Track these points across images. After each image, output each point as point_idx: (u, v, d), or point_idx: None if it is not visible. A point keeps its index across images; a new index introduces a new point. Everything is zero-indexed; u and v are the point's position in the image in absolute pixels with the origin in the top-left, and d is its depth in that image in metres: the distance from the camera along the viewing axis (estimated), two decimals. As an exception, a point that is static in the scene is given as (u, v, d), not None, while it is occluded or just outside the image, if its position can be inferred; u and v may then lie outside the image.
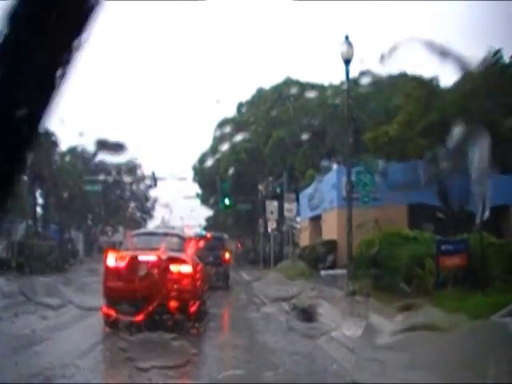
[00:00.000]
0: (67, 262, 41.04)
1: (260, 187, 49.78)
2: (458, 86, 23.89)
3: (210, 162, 56.69)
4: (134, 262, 11.03)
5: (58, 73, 1.55)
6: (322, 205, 34.34)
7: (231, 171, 52.80)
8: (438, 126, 20.96)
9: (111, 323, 11.20)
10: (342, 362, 8.49)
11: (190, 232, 28.37)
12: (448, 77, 24.43)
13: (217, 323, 13.34)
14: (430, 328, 9.60)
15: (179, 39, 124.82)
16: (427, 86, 23.01)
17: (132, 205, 74.86)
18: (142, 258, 11.11)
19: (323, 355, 9.03)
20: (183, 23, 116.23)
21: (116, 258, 11.37)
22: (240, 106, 58.63)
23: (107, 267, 11.19)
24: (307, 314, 13.52)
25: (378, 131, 24.33)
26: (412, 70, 27.16)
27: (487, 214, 11.92)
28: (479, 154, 11.95)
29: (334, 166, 40.98)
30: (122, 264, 11.06)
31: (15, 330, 10.89)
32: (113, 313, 11.12)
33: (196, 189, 62.52)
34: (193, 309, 11.22)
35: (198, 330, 11.15)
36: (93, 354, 9.01)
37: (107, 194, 65.50)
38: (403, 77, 30.18)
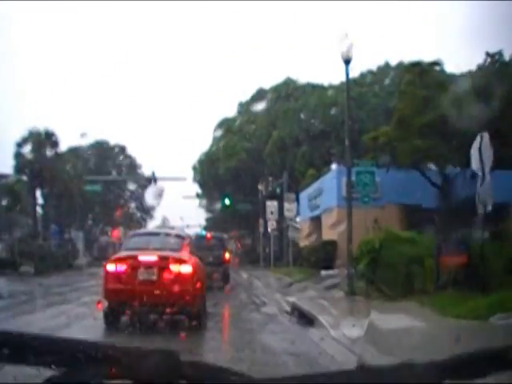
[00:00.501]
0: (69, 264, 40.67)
1: (260, 187, 49.77)
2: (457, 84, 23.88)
3: (209, 163, 56.75)
4: (133, 263, 11.03)
5: None
6: (322, 205, 34.33)
7: (231, 171, 52.85)
8: (437, 125, 20.94)
9: (111, 323, 11.21)
10: (341, 361, 8.48)
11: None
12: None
13: (216, 323, 13.33)
14: (429, 329, 9.60)
15: (180, 40, 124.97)
16: (428, 73, 22.83)
17: (132, 205, 74.88)
18: (141, 258, 11.11)
19: (323, 355, 9.03)
20: (184, 24, 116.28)
21: (116, 259, 11.37)
22: (240, 106, 58.64)
23: (107, 268, 11.19)
24: (307, 314, 13.52)
25: (378, 131, 24.29)
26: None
27: (490, 208, 11.90)
28: (479, 153, 11.95)
29: (334, 166, 41.00)
30: (122, 265, 11.05)
31: (14, 329, 10.87)
32: (113, 313, 11.12)
33: (196, 189, 62.65)
34: (192, 309, 11.21)
35: (197, 330, 11.15)
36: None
37: (107, 194, 65.52)
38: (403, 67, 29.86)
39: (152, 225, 73.34)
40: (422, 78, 22.91)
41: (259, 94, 56.79)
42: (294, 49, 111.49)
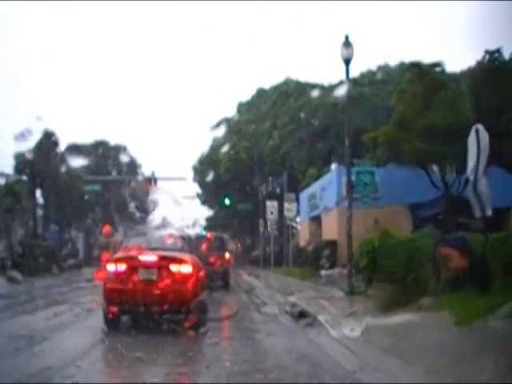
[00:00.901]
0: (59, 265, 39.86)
1: (260, 187, 49.81)
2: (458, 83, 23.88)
3: (209, 163, 56.80)
4: (133, 263, 11.03)
5: None
6: (322, 205, 34.32)
7: (231, 171, 52.88)
8: (439, 126, 20.93)
9: (111, 323, 11.20)
10: (341, 361, 8.49)
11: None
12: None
13: (216, 323, 13.30)
14: (429, 329, 9.60)
15: (180, 40, 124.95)
16: (429, 75, 22.83)
17: (132, 205, 74.79)
18: (141, 258, 11.11)
19: (323, 355, 9.03)
20: (183, 24, 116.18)
21: (115, 259, 11.36)
22: (240, 105, 58.63)
23: (107, 268, 11.19)
24: (307, 314, 13.53)
25: (378, 131, 24.29)
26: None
27: (490, 212, 11.91)
28: (479, 153, 11.95)
29: (334, 166, 41.01)
30: (122, 264, 11.05)
31: (14, 329, 10.88)
32: (113, 313, 11.11)
33: (196, 189, 62.66)
34: (192, 309, 11.20)
35: (197, 330, 11.13)
36: (93, 353, 9.02)
37: (107, 194, 65.46)
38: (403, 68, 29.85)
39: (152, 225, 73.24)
40: (422, 78, 22.92)
41: (259, 94, 56.80)
42: (294, 48, 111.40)
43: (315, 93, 48.80)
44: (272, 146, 49.31)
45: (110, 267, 11.10)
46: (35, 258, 34.63)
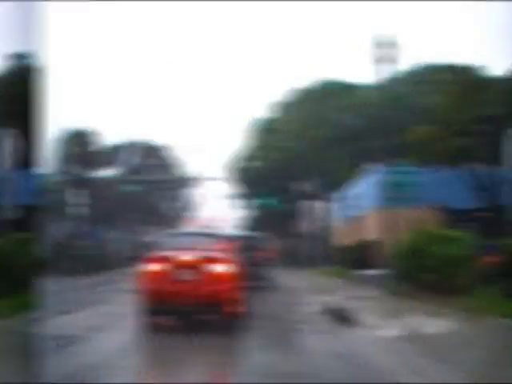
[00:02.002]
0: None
1: (300, 187, 49.71)
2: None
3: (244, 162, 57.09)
4: (169, 262, 11.00)
5: None
6: (361, 205, 34.15)
7: (266, 171, 52.96)
8: (476, 124, 20.68)
9: (149, 324, 11.18)
10: (381, 362, 8.32)
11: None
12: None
13: (255, 323, 13.19)
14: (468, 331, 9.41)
15: (209, 39, 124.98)
16: (469, 78, 22.56)
17: (171, 205, 75.21)
18: (177, 257, 11.07)
19: (363, 355, 8.87)
20: (211, 23, 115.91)
21: (151, 259, 11.32)
22: (274, 106, 58.68)
23: (143, 268, 11.18)
24: (348, 314, 13.37)
25: (418, 131, 24.02)
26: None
27: None
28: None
29: (374, 167, 40.69)
30: (158, 264, 11.03)
31: (54, 330, 10.95)
32: (151, 313, 11.09)
33: (231, 188, 62.83)
34: (230, 309, 11.13)
35: (235, 330, 11.07)
36: (131, 354, 9.06)
37: (146, 195, 66.01)
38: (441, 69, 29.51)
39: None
40: (466, 80, 22.68)
41: (293, 94, 56.71)
42: (328, 50, 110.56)
43: (356, 93, 48.57)
44: (309, 146, 49.12)
45: (148, 267, 11.11)
46: (76, 258, 35.05)
